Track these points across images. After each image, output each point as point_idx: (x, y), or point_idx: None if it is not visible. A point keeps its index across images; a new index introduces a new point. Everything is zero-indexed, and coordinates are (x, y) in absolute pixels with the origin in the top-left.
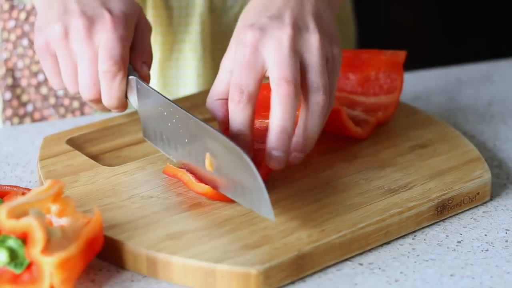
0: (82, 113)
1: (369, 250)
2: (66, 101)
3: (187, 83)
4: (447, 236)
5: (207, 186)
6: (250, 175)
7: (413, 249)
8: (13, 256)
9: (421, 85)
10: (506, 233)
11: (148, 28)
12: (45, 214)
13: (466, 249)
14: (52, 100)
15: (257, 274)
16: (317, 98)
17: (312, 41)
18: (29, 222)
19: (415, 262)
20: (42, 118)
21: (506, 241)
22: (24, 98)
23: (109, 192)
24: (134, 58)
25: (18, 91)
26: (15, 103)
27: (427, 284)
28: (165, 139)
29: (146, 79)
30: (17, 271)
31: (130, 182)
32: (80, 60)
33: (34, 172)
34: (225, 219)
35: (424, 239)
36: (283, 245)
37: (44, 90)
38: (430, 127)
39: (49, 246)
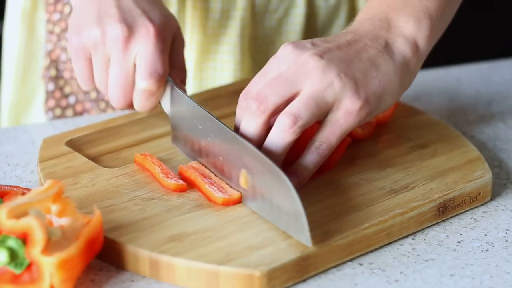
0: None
1: (370, 250)
2: (107, 96)
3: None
4: (447, 236)
5: (174, 182)
6: (289, 198)
7: (413, 249)
8: (13, 256)
9: (421, 85)
10: (506, 233)
11: (183, 43)
12: (45, 214)
13: (466, 249)
14: (93, 94)
15: (260, 276)
16: (282, 119)
17: (328, 81)
18: (29, 222)
19: (415, 262)
20: (84, 111)
21: (506, 241)
22: (67, 90)
23: (110, 194)
24: (172, 75)
25: (61, 82)
26: (57, 94)
27: (427, 284)
28: (197, 149)
29: None
30: (17, 271)
31: (131, 184)
32: (113, 68)
33: (34, 172)
34: (228, 221)
35: (424, 239)
36: (286, 247)
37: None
38: (430, 127)
39: (49, 246)
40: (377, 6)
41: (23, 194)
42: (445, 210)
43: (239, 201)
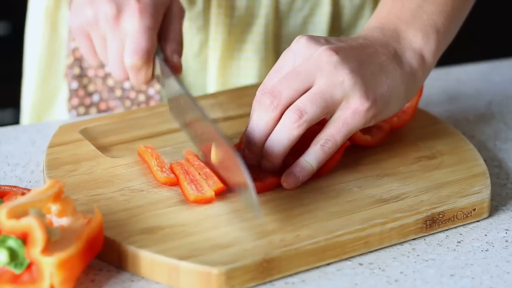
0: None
1: (369, 250)
2: (132, 94)
3: (248, 83)
4: (447, 236)
5: (165, 175)
6: (239, 171)
7: (413, 249)
8: (13, 256)
9: None
10: (506, 233)
11: (181, 14)
12: (45, 214)
13: (466, 249)
14: (118, 92)
15: (218, 274)
16: (288, 113)
17: (339, 78)
18: (29, 222)
19: (415, 262)
20: (108, 109)
21: (506, 241)
22: (91, 88)
23: (103, 183)
24: (164, 47)
25: (85, 81)
26: (81, 92)
27: (427, 284)
28: (185, 123)
29: (177, 69)
30: (17, 271)
31: (126, 175)
32: (109, 45)
33: (34, 172)
34: (205, 217)
35: (424, 239)
36: (253, 247)
37: (110, 81)
38: (445, 138)
39: (49, 246)
40: (386, 16)
41: (23, 194)
42: (433, 224)
43: (211, 200)
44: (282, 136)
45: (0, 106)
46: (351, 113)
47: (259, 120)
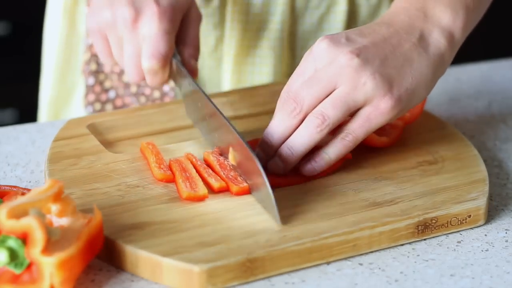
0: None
1: (358, 254)
2: (147, 90)
3: (263, 80)
4: (447, 236)
5: (162, 172)
6: (261, 179)
7: (413, 249)
8: (13, 256)
9: None
10: (506, 233)
11: (198, 19)
12: (45, 214)
13: (466, 249)
14: (133, 89)
15: (199, 272)
16: (311, 118)
17: (361, 80)
18: (29, 222)
19: (415, 262)
20: (124, 105)
21: (506, 241)
22: (107, 84)
23: (101, 178)
24: (182, 51)
25: (101, 77)
26: (97, 88)
27: (427, 284)
28: (201, 124)
29: (194, 72)
30: (17, 271)
31: (125, 170)
32: (126, 48)
33: (34, 172)
34: (196, 215)
35: (424, 239)
36: (237, 247)
37: (126, 77)
38: (450, 143)
39: (49, 246)
40: None
41: (23, 194)
42: (426, 229)
43: (204, 198)
44: (304, 140)
45: (0, 106)
46: (375, 111)
47: (280, 123)
